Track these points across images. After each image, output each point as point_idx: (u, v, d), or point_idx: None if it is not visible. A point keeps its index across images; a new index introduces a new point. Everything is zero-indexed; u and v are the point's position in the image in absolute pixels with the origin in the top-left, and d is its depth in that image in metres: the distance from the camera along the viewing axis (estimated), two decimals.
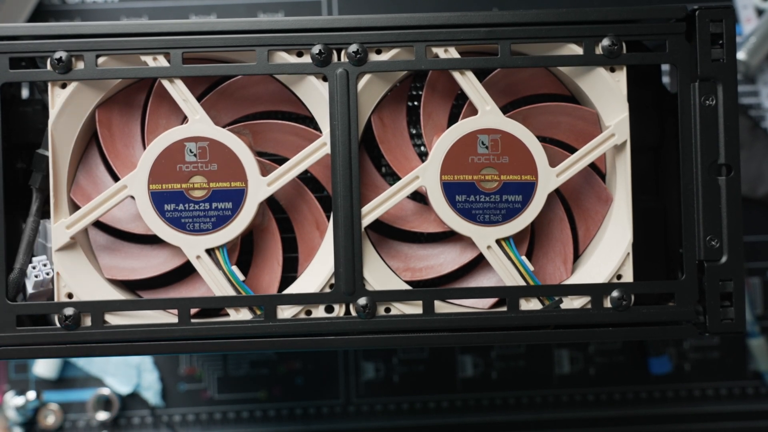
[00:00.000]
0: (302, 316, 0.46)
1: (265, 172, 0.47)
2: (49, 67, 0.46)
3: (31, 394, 0.66)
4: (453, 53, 0.47)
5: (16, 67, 0.47)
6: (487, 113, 0.47)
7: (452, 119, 0.49)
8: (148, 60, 0.46)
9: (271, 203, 0.49)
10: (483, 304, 0.48)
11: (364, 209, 0.47)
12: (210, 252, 0.47)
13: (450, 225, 0.47)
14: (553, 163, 0.47)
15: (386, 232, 0.50)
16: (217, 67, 0.47)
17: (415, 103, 0.51)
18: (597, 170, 0.50)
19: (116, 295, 0.47)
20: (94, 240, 0.49)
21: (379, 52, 0.47)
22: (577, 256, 0.50)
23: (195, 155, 0.47)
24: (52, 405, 0.66)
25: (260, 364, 0.66)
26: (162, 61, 0.46)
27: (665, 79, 0.61)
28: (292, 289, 0.48)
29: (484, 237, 0.47)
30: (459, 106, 0.49)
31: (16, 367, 0.66)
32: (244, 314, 0.47)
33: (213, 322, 0.46)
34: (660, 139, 0.51)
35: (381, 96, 0.48)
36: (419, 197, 0.50)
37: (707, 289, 0.46)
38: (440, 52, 0.47)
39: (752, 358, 0.65)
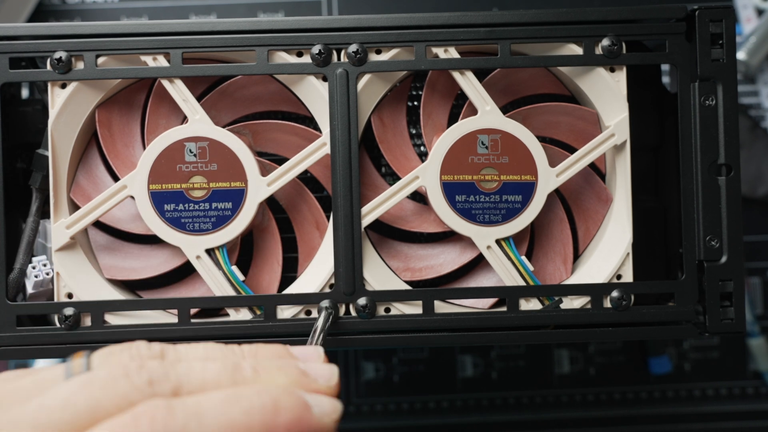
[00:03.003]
0: (302, 316, 0.46)
1: (265, 172, 0.47)
2: (49, 67, 0.46)
3: None
4: (453, 53, 0.47)
5: (16, 67, 0.47)
6: (487, 113, 0.47)
7: (452, 119, 0.49)
8: (148, 60, 0.46)
9: (271, 203, 0.49)
10: (483, 304, 0.48)
11: (364, 209, 0.47)
12: (210, 252, 0.47)
13: (450, 225, 0.47)
14: (553, 163, 0.47)
15: (386, 232, 0.50)
16: (217, 67, 0.47)
17: (415, 103, 0.51)
18: (597, 170, 0.50)
19: (116, 295, 0.47)
20: (94, 240, 0.49)
21: (379, 52, 0.47)
22: (577, 256, 0.50)
23: (195, 155, 0.46)
24: None
25: None
26: (162, 61, 0.46)
27: (665, 79, 0.61)
28: (292, 289, 0.48)
29: (484, 237, 0.47)
30: (459, 106, 0.49)
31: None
32: (244, 314, 0.47)
33: (213, 322, 0.46)
34: (660, 139, 0.51)
35: (381, 96, 0.48)
36: (419, 197, 0.50)
37: (707, 289, 0.46)
38: (440, 52, 0.47)
39: (752, 358, 0.65)
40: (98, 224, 0.49)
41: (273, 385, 0.29)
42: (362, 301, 0.46)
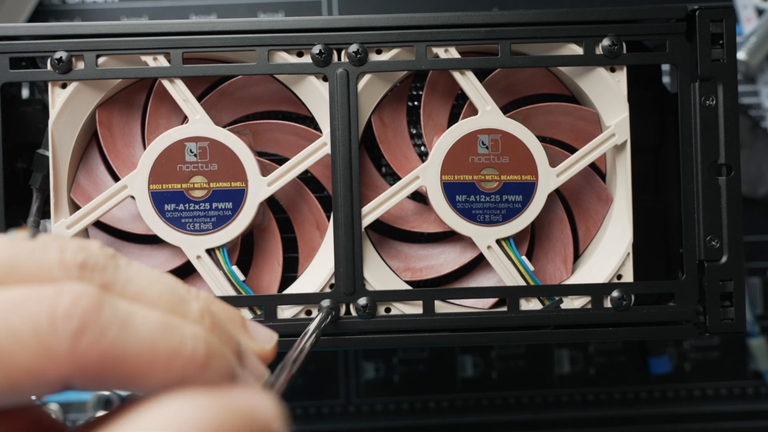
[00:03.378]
0: (302, 316, 0.46)
1: (265, 172, 0.47)
2: (49, 67, 0.46)
3: None
4: (453, 53, 0.47)
5: (16, 67, 0.47)
6: (488, 113, 0.47)
7: (452, 119, 0.49)
8: (148, 60, 0.46)
9: (272, 203, 0.49)
10: (483, 304, 0.48)
11: (364, 209, 0.47)
12: (210, 252, 0.47)
13: (450, 225, 0.47)
14: (553, 163, 0.47)
15: (386, 232, 0.50)
16: (217, 67, 0.47)
17: (415, 103, 0.51)
18: (597, 170, 0.50)
19: None
20: (95, 240, 0.49)
21: (379, 52, 0.47)
22: (577, 256, 0.50)
23: (195, 155, 0.47)
24: (52, 405, 0.66)
25: None
26: (162, 61, 0.46)
27: (665, 79, 0.61)
28: (292, 289, 0.48)
29: (484, 237, 0.47)
30: (459, 106, 0.49)
31: None
32: (244, 314, 0.47)
33: None
34: (660, 139, 0.51)
35: (381, 96, 0.48)
36: (419, 197, 0.50)
37: (707, 289, 0.46)
38: (440, 52, 0.47)
39: (752, 358, 0.65)
40: (98, 224, 0.49)
41: (213, 339, 0.25)
42: (362, 301, 0.46)
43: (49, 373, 0.22)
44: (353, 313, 0.46)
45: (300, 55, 0.47)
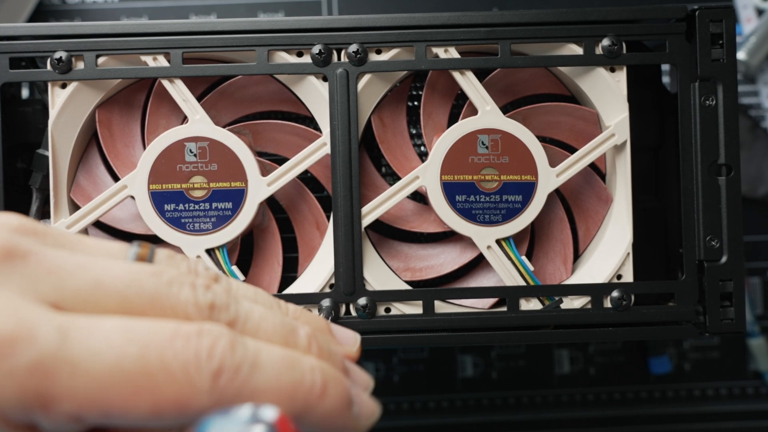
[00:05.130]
0: None
1: (265, 172, 0.47)
2: (49, 67, 0.46)
3: None
4: (453, 53, 0.47)
5: (16, 67, 0.47)
6: (487, 113, 0.47)
7: (452, 119, 0.49)
8: (148, 60, 0.46)
9: (271, 203, 0.49)
10: (483, 304, 0.48)
11: (364, 209, 0.47)
12: (210, 252, 0.47)
13: (450, 225, 0.47)
14: (553, 163, 0.47)
15: (386, 232, 0.50)
16: (217, 67, 0.47)
17: (415, 103, 0.51)
18: (597, 170, 0.50)
19: None
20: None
21: (379, 52, 0.47)
22: (577, 256, 0.50)
23: (195, 155, 0.47)
24: None
25: None
26: (162, 61, 0.46)
27: (665, 79, 0.61)
28: (292, 289, 0.48)
29: (484, 237, 0.47)
30: (459, 106, 0.49)
31: None
32: None
33: None
34: (660, 139, 0.51)
35: (381, 96, 0.48)
36: (419, 197, 0.50)
37: (707, 289, 0.46)
38: (440, 52, 0.47)
39: (752, 358, 0.65)
40: (98, 224, 0.49)
41: (327, 366, 0.28)
42: (362, 301, 0.46)
43: (192, 405, 0.25)
44: (353, 313, 0.46)
45: (300, 55, 0.47)
